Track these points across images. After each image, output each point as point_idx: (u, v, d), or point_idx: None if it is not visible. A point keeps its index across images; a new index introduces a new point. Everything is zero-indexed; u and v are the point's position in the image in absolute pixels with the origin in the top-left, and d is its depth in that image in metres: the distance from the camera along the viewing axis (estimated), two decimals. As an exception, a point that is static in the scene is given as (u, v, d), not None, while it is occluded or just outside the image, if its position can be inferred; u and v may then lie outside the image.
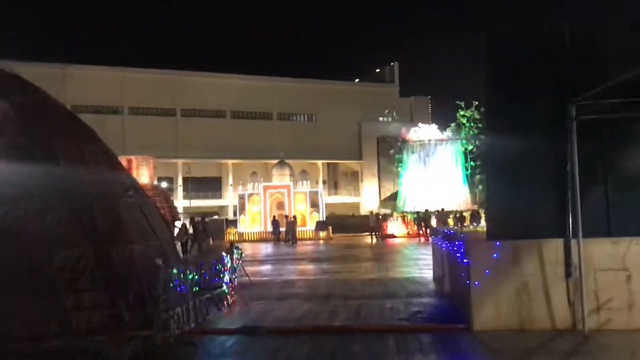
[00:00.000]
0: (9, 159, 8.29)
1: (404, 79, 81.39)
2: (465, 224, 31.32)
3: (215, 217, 50.93)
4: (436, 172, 39.91)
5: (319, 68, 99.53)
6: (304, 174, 41.98)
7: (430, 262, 15.97)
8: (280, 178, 40.89)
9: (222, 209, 67.60)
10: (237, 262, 10.82)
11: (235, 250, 10.38)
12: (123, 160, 43.27)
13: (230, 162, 69.31)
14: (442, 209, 33.20)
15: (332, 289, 11.75)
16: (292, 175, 41.46)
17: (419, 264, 16.67)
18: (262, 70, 73.70)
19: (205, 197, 69.06)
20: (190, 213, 61.76)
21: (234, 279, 10.76)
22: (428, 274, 13.72)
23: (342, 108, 72.85)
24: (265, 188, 39.50)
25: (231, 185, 66.48)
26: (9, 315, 6.99)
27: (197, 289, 8.00)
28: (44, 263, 7.59)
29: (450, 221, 32.53)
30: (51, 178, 8.38)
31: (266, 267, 17.83)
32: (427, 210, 32.95)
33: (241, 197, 40.68)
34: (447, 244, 9.79)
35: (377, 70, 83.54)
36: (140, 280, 7.60)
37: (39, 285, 7.43)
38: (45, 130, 8.90)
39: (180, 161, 67.40)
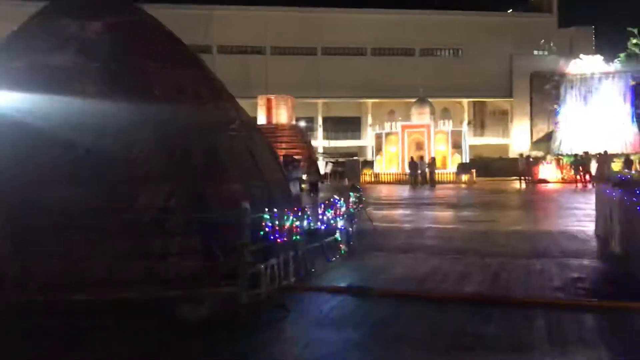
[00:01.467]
0: (100, 85, 7.51)
1: (563, 8, 72.99)
2: (634, 169, 27.16)
3: (354, 158, 50.00)
4: (599, 110, 35.04)
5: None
6: (446, 113, 39.38)
7: (591, 213, 13.47)
8: (420, 117, 38.58)
9: (361, 149, 66.66)
10: (356, 206, 9.46)
11: (352, 193, 8.98)
12: (262, 99, 43.66)
13: (370, 101, 67.64)
14: (605, 152, 29.01)
15: (467, 242, 10.01)
16: (432, 114, 38.96)
17: (577, 215, 14.18)
18: (404, 3, 69.62)
19: (345, 137, 68.41)
20: (329, 153, 62.02)
21: (353, 225, 9.44)
22: (589, 228, 11.38)
23: (492, 42, 67.24)
24: (404, 127, 37.56)
25: (370, 125, 65.05)
26: (88, 259, 6.29)
27: (299, 237, 6.72)
28: (129, 201, 6.77)
29: (616, 166, 28.43)
30: (143, 108, 7.48)
31: (396, 212, 16.33)
32: (586, 153, 29.05)
33: (378, 137, 39.22)
34: (621, 192, 7.56)
35: (533, -1, 75.91)
36: (231, 225, 6.50)
37: (123, 226, 6.62)
38: (141, 54, 7.96)
39: (320, 101, 67.12)
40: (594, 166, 28.46)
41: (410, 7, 68.95)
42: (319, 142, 67.13)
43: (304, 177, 17.78)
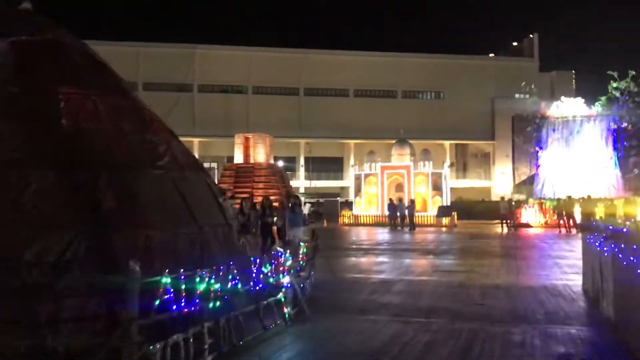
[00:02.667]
0: (-7, 112, 6.25)
1: (544, 53, 73.94)
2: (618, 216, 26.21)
3: (333, 199, 48.76)
4: (581, 153, 34.37)
5: (449, 42, 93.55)
6: (427, 154, 38.38)
7: (576, 264, 12.34)
8: (400, 158, 37.65)
9: (343, 190, 65.65)
10: (310, 258, 8.17)
11: (303, 244, 7.69)
12: (240, 137, 42.53)
13: (352, 142, 67.03)
14: (589, 196, 28.15)
15: (438, 300, 8.71)
16: (413, 155, 38.04)
17: (561, 266, 12.99)
18: (387, 47, 70.11)
19: (327, 177, 67.56)
20: (311, 194, 60.80)
21: (307, 281, 8.13)
22: (575, 282, 10.18)
23: (474, 85, 67.67)
24: (383, 168, 36.55)
25: (352, 165, 64.17)
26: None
27: (218, 303, 5.38)
28: (14, 253, 5.43)
29: (599, 210, 27.50)
30: (44, 138, 6.22)
31: (368, 260, 15.01)
32: (570, 197, 28.12)
33: (357, 178, 38.17)
34: (613, 247, 6.37)
35: (515, 44, 76.67)
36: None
37: (7, 289, 5.28)
38: (48, 78, 6.74)
39: (302, 141, 66.37)
40: (577, 211, 27.50)
41: (393, 50, 69.20)
42: (301, 182, 66.06)
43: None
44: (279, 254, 7.00)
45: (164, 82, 63.23)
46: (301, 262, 7.61)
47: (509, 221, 29.43)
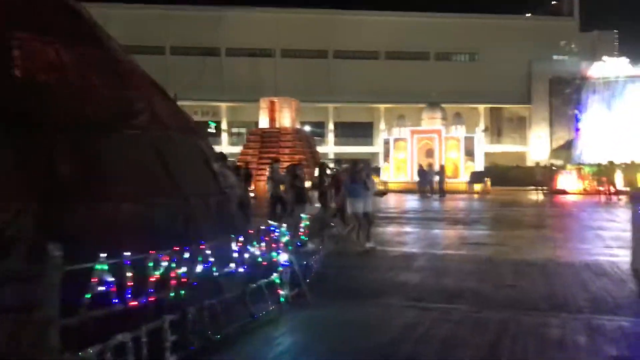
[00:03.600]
0: None
1: (585, 12, 70.10)
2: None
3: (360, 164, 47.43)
4: (624, 117, 32.34)
5: (484, 1, 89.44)
6: (458, 118, 36.72)
7: (621, 235, 11.10)
8: (431, 122, 36.11)
9: (373, 156, 64.18)
10: (317, 231, 7.16)
11: (306, 216, 6.66)
12: (265, 102, 41.50)
13: (382, 106, 65.22)
14: (632, 162, 26.32)
15: (464, 279, 7.63)
16: (444, 119, 36.45)
17: (604, 238, 11.71)
18: (419, 7, 67.29)
19: (357, 143, 65.96)
20: (340, 160, 59.60)
21: (313, 258, 7.14)
22: (622, 258, 8.95)
23: (510, 46, 64.68)
24: (413, 132, 35.13)
25: (383, 130, 62.60)
26: None
27: (183, 291, 4.42)
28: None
29: (642, 177, 25.82)
30: (-9, 93, 5.26)
31: (391, 230, 13.96)
32: (611, 163, 26.37)
33: (386, 143, 36.84)
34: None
35: (553, 2, 72.98)
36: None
37: None
38: (0, 21, 5.76)
39: (331, 105, 64.91)
40: (618, 177, 25.84)
41: (426, 10, 66.58)
42: (330, 147, 64.88)
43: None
44: (272, 227, 5.97)
45: (192, 46, 62.19)
46: (303, 237, 6.60)
47: (544, 188, 27.93)
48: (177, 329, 4.18)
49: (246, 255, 5.22)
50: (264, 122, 39.84)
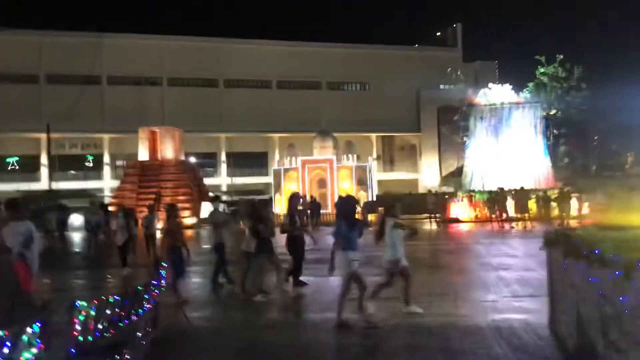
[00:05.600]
0: None
1: (467, 43, 73.26)
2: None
3: (250, 197, 45.22)
4: (510, 143, 32.73)
5: (372, 32, 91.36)
6: (350, 147, 35.68)
7: (524, 276, 9.76)
8: (322, 151, 34.79)
9: (267, 186, 62.21)
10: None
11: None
12: (144, 132, 38.35)
13: (276, 135, 63.64)
14: (522, 188, 26.18)
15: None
16: (336, 147, 35.27)
17: (508, 281, 10.25)
18: (310, 36, 67.12)
19: (251, 174, 63.65)
20: (233, 192, 57.06)
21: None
22: (534, 314, 7.38)
23: (399, 76, 65.91)
24: (304, 162, 33.58)
25: (278, 160, 60.89)
26: None
27: None
28: None
29: (531, 204, 25.63)
30: None
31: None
32: (502, 190, 26.09)
33: (276, 174, 35.00)
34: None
35: (438, 34, 75.57)
36: None
37: None
38: None
39: (223, 135, 62.42)
40: (509, 204, 25.51)
41: (317, 39, 66.35)
42: (223, 179, 62.14)
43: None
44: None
45: (69, 74, 57.53)
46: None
47: (437, 216, 27.18)
48: None
49: None
50: (143, 154, 36.67)
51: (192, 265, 11.13)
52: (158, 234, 13.36)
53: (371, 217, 30.15)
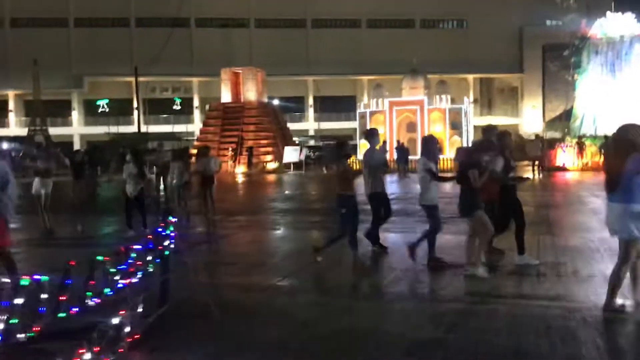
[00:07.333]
0: None
1: (580, -28, 65.73)
2: None
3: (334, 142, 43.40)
4: (631, 81, 28.47)
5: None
6: (443, 86, 32.63)
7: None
8: (412, 92, 32.03)
9: (355, 132, 60.24)
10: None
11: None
12: (226, 73, 37.12)
13: (365, 78, 60.98)
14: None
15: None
16: (427, 88, 32.37)
17: None
18: (403, -30, 62.69)
19: (338, 118, 61.69)
20: (319, 136, 55.58)
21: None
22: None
23: (500, 11, 60.61)
24: (392, 104, 31.10)
25: (364, 103, 58.42)
26: None
27: None
28: None
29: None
30: None
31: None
32: (621, 134, 22.48)
33: (362, 117, 32.82)
34: None
35: (546, -36, 68.67)
36: None
37: None
38: None
39: (310, 78, 60.63)
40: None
41: (410, -27, 62.06)
42: (310, 124, 60.82)
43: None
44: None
45: (158, 17, 57.50)
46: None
47: (540, 165, 24.07)
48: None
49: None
50: (226, 96, 35.58)
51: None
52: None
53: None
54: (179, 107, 57.64)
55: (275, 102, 42.65)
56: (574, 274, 6.49)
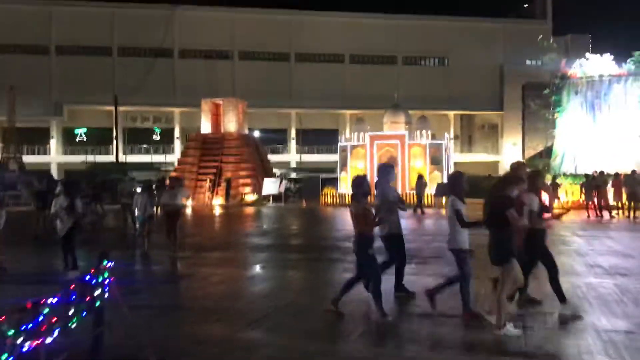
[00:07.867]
0: None
1: (557, 15, 67.33)
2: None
3: (314, 174, 42.93)
4: (610, 120, 28.64)
5: (454, 3, 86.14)
6: (424, 122, 32.59)
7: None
8: (394, 127, 31.92)
9: (337, 164, 60.01)
10: None
11: None
12: (207, 104, 36.77)
13: (348, 112, 61.12)
14: (634, 171, 21.99)
15: None
16: (408, 123, 32.30)
17: (629, 290, 7.34)
18: (387, 8, 63.56)
19: (320, 151, 61.52)
20: (302, 169, 55.21)
21: None
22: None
23: (481, 50, 61.55)
24: (373, 138, 30.88)
25: (346, 137, 58.35)
26: None
27: None
28: None
29: None
30: None
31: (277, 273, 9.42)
32: (602, 173, 22.31)
33: (342, 150, 32.51)
34: None
35: (525, 5, 70.05)
36: None
37: None
38: None
39: (293, 111, 60.57)
40: (609, 190, 21.84)
41: (393, 11, 62.83)
42: (292, 156, 60.50)
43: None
44: None
45: (141, 47, 57.31)
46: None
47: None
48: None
49: None
50: (206, 127, 35.15)
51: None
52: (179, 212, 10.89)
53: (445, 200, 27.17)
54: (158, 138, 57.08)
55: (257, 133, 42.29)
56: None
